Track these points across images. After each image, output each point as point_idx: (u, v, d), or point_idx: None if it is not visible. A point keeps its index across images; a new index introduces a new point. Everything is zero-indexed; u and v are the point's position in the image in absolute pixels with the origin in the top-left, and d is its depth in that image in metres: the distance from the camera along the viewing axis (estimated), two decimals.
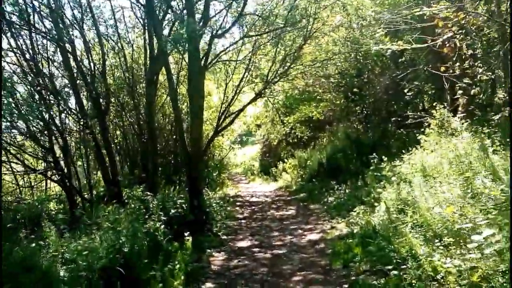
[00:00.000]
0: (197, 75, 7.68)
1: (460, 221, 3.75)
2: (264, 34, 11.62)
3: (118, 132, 15.12)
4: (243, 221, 8.57)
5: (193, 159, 7.99)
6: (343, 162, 12.62)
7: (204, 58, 8.23)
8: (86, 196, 9.32)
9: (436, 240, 3.86)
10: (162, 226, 6.56)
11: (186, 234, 6.63)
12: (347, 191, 9.86)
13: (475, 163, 4.71)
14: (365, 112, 14.36)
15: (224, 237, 7.19)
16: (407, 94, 13.31)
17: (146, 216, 6.87)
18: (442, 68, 7.34)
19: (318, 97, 13.73)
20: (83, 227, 6.60)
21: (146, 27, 10.58)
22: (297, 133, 15.16)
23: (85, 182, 9.87)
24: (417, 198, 4.90)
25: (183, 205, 7.67)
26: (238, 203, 11.13)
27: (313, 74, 12.78)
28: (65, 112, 11.28)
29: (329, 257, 5.20)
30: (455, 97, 7.51)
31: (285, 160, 16.02)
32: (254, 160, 21.82)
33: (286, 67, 11.85)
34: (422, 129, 11.12)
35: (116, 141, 15.00)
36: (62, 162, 8.34)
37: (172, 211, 7.26)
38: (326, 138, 15.09)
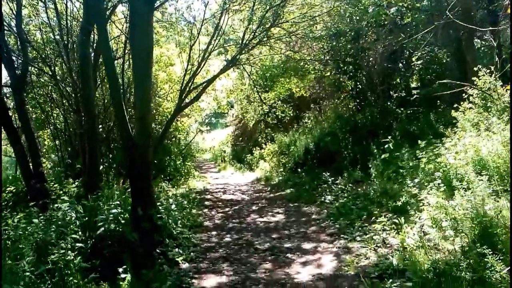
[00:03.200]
0: (142, 16, 4.97)
1: None
2: None
3: (57, 111, 12.26)
4: (213, 233, 6.07)
5: (138, 147, 5.32)
6: (335, 148, 10.33)
7: None
8: None
9: None
10: (80, 258, 3.97)
11: (121, 269, 4.05)
12: (347, 187, 7.56)
13: None
14: (359, 86, 12.06)
15: (185, 265, 4.69)
16: (415, 63, 11.01)
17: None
18: (508, 10, 5.04)
19: (305, 65, 11.21)
20: None
21: None
22: (277, 113, 12.59)
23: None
24: None
25: (121, 216, 5.04)
26: (206, 202, 8.59)
27: (300, 36, 10.24)
28: None
29: None
30: None
31: (263, 146, 13.51)
32: (225, 145, 19.05)
33: (266, 27, 9.29)
34: (437, 107, 8.90)
35: (53, 120, 12.16)
36: None
37: (102, 228, 4.62)
38: (312, 118, 12.69)
